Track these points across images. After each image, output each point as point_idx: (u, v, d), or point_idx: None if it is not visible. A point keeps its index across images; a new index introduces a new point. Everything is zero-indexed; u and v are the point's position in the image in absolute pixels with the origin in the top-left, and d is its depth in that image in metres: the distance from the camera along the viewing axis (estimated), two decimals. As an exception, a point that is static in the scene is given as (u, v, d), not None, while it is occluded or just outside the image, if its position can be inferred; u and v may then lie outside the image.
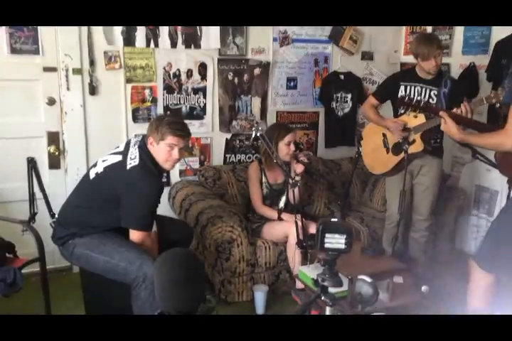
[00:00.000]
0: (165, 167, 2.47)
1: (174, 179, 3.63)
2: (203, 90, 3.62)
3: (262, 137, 2.74)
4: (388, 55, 4.25)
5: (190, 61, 3.52)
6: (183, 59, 3.50)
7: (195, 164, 3.68)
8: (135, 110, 3.43)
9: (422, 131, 2.92)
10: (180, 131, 2.40)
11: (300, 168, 3.04)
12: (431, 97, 3.04)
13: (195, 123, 3.58)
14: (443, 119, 2.27)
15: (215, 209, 3.05)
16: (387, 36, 4.19)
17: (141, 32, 3.32)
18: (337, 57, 4.04)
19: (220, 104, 3.71)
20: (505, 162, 2.19)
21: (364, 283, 1.35)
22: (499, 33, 3.38)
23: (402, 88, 3.10)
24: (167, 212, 3.25)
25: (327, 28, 3.92)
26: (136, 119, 3.44)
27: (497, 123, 3.11)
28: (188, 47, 3.49)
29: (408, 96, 2.98)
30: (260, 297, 2.93)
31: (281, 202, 3.21)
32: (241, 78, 3.72)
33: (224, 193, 3.49)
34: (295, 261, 2.95)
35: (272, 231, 3.10)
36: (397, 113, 3.17)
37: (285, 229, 3.00)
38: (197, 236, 3.04)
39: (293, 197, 2.97)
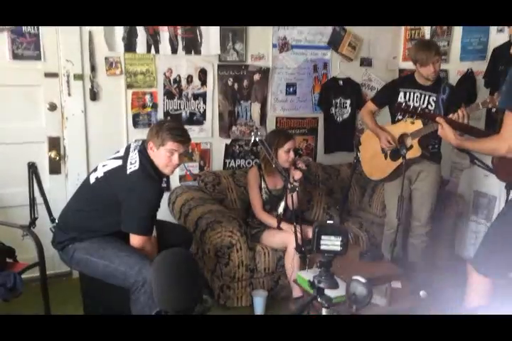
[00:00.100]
0: (165, 172, 2.48)
1: (174, 184, 3.64)
2: (203, 96, 3.64)
3: (262, 142, 2.75)
4: (387, 61, 4.27)
5: (190, 67, 3.55)
6: (184, 65, 3.53)
7: (194, 169, 3.70)
8: (135, 115, 3.45)
9: (420, 137, 2.94)
10: (180, 137, 2.41)
11: (298, 175, 3.05)
12: (429, 103, 3.06)
13: (195, 128, 3.60)
14: (440, 125, 2.29)
15: (215, 214, 3.06)
16: (385, 42, 4.22)
17: (141, 38, 3.35)
18: (336, 63, 4.06)
19: (220, 110, 3.73)
20: (501, 167, 2.20)
21: (358, 284, 1.36)
22: (496, 40, 3.41)
23: (401, 94, 3.11)
24: (167, 217, 3.25)
25: (326, 34, 3.95)
26: (136, 125, 3.46)
27: (494, 128, 3.12)
28: (189, 53, 3.52)
29: (405, 102, 3.01)
30: (259, 302, 2.93)
31: (280, 208, 3.22)
32: (241, 84, 3.75)
33: (223, 198, 3.50)
34: (294, 267, 2.95)
35: (271, 239, 3.10)
36: (394, 119, 3.19)
37: (284, 239, 3.00)
38: (196, 241, 3.05)
39: (292, 203, 2.98)
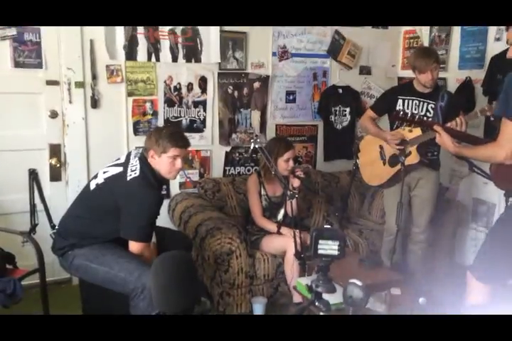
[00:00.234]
0: (168, 177, 2.51)
1: (174, 191, 3.65)
2: (203, 103, 3.67)
3: (261, 150, 2.76)
4: (386, 70, 4.30)
5: (190, 75, 3.58)
6: (184, 73, 3.55)
7: (194, 176, 3.71)
8: (136, 123, 3.48)
9: (418, 144, 2.95)
10: (181, 142, 2.45)
11: (297, 183, 3.06)
12: (428, 111, 3.07)
13: (195, 136, 3.61)
14: (437, 133, 2.31)
15: (214, 221, 3.07)
16: (384, 51, 4.25)
17: (142, 46, 3.38)
18: (335, 71, 4.10)
19: (220, 117, 3.75)
20: (499, 174, 2.21)
21: (355, 287, 1.37)
22: (494, 49, 3.44)
23: (400, 102, 3.12)
24: (167, 224, 3.25)
25: (325, 43, 3.99)
26: (137, 132, 3.47)
27: (493, 136, 3.13)
28: (189, 61, 3.55)
29: (403, 110, 3.02)
30: (259, 309, 2.93)
31: (279, 215, 3.24)
32: (241, 92, 3.77)
33: (223, 205, 3.51)
34: (293, 273, 2.95)
35: (271, 244, 3.11)
36: (393, 126, 3.20)
37: (284, 244, 3.00)
38: (196, 247, 3.06)
39: (291, 210, 2.99)
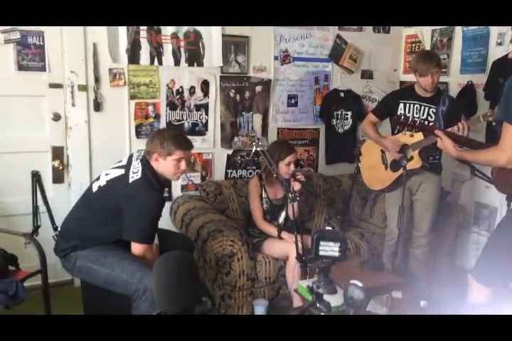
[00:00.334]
0: (172, 179, 2.56)
1: (176, 194, 3.66)
2: (205, 107, 3.68)
3: (263, 153, 2.77)
4: (388, 74, 4.31)
5: (193, 78, 3.59)
6: (186, 76, 3.57)
7: (196, 179, 3.72)
8: (138, 126, 3.49)
9: (420, 148, 2.96)
10: (185, 144, 2.48)
11: (297, 186, 3.07)
12: (429, 115, 3.08)
13: (197, 139, 3.63)
14: (439, 137, 2.32)
15: (216, 223, 3.08)
16: (386, 55, 4.26)
17: (145, 50, 3.40)
18: (337, 75, 4.11)
19: (222, 121, 3.76)
20: (501, 178, 2.21)
21: (356, 288, 1.37)
22: (496, 53, 3.45)
23: (401, 106, 3.13)
24: (168, 227, 3.26)
25: (327, 47, 4.01)
26: (139, 135, 3.49)
27: (495, 140, 3.14)
28: (191, 65, 3.57)
29: (404, 115, 3.02)
30: (260, 311, 2.93)
31: (280, 218, 3.24)
32: (243, 95, 3.79)
33: (225, 208, 3.51)
34: (294, 277, 2.95)
35: (272, 248, 3.11)
36: (394, 131, 3.21)
37: (285, 248, 3.00)
38: (198, 250, 3.06)
39: (292, 213, 2.99)
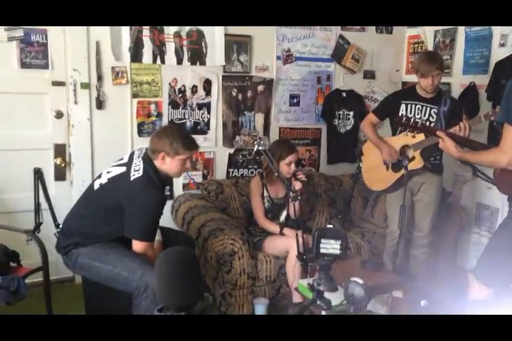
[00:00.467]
0: (175, 177, 2.61)
1: (177, 192, 3.67)
2: (208, 106, 3.69)
3: (265, 152, 2.78)
4: (390, 74, 4.31)
5: (195, 77, 3.60)
6: (189, 75, 3.58)
7: (198, 178, 3.73)
8: (140, 124, 3.50)
9: (421, 149, 2.96)
10: (193, 145, 2.50)
11: (298, 185, 3.08)
12: (431, 115, 3.08)
13: (199, 137, 3.60)
14: (440, 138, 2.32)
15: (217, 222, 3.08)
16: (389, 55, 4.26)
17: (148, 48, 3.41)
18: (339, 75, 4.11)
19: (224, 120, 3.77)
20: (502, 179, 2.21)
21: (356, 285, 1.38)
22: (498, 54, 3.45)
23: (403, 106, 3.13)
24: (170, 225, 3.26)
25: (330, 47, 4.01)
26: (141, 133, 3.50)
27: (497, 141, 3.14)
28: (194, 63, 3.58)
29: (406, 116, 3.01)
30: (260, 310, 2.94)
31: (281, 217, 3.25)
32: (245, 94, 3.80)
33: (226, 207, 3.52)
34: (295, 275, 2.96)
35: (273, 245, 3.12)
36: (395, 131, 3.21)
37: (286, 244, 3.02)
38: (199, 248, 3.07)
39: (293, 211, 3.00)
